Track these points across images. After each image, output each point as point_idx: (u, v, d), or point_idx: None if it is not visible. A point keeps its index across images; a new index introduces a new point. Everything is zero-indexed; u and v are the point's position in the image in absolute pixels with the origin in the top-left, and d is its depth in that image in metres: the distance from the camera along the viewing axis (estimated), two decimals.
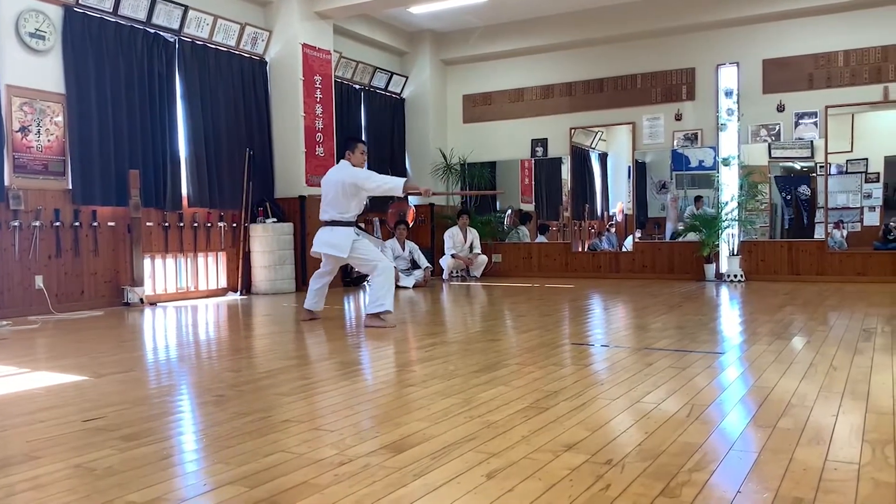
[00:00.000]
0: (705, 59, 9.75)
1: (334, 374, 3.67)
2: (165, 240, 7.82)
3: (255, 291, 8.57)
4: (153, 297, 7.62)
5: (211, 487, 2.02)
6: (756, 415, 2.72)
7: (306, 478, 2.05)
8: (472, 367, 3.72)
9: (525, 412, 2.76)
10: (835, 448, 2.25)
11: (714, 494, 1.89)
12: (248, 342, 5.12)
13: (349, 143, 5.75)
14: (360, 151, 5.68)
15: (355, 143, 5.71)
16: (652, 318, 5.78)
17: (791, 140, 9.38)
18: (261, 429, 2.60)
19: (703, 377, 3.39)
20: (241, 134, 8.63)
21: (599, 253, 10.67)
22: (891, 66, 8.81)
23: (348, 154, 5.65)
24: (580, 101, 10.59)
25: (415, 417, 2.72)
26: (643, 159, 10.47)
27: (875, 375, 3.34)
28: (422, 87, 11.31)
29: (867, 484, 1.93)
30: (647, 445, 2.31)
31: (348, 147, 5.69)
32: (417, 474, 2.06)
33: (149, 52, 7.56)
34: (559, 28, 10.36)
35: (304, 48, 8.88)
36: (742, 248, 9.48)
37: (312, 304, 5.95)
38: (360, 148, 5.68)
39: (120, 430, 2.62)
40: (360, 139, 6.21)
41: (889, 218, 9.15)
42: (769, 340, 4.45)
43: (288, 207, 8.89)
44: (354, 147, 5.66)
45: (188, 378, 3.76)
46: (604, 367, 3.84)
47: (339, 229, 5.55)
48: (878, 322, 5.19)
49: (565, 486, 1.95)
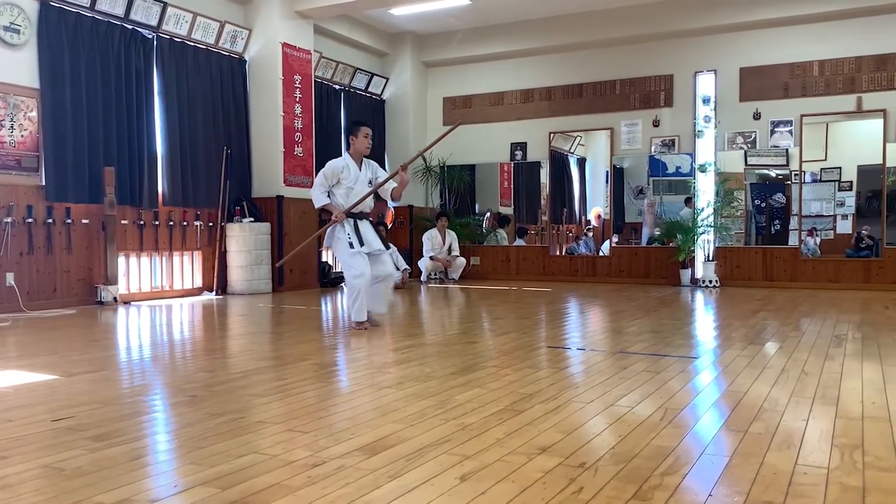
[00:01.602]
0: (683, 66, 9.84)
1: (310, 375, 3.65)
2: (140, 238, 7.73)
3: (230, 291, 8.51)
4: (127, 296, 7.54)
5: (182, 488, 2.00)
6: (728, 419, 2.75)
7: (279, 479, 2.04)
8: (449, 370, 3.72)
9: (500, 415, 2.77)
10: (805, 452, 2.28)
11: (685, 498, 1.90)
12: (224, 342, 5.09)
13: (350, 128, 5.37)
14: (364, 135, 5.26)
15: (357, 126, 5.30)
16: (627, 322, 5.81)
17: (767, 148, 9.49)
18: (234, 430, 2.58)
19: (677, 381, 3.42)
20: (219, 132, 8.56)
21: (577, 257, 10.72)
22: (864, 77, 8.95)
23: (352, 140, 5.30)
24: (560, 105, 10.64)
25: (390, 419, 2.71)
26: (621, 165, 10.54)
27: (845, 381, 3.38)
28: (402, 89, 11.30)
29: (835, 488, 1.96)
30: (621, 449, 2.33)
31: (350, 132, 5.34)
32: (391, 476, 2.06)
33: (126, 48, 7.48)
34: (540, 32, 10.40)
35: (284, 47, 8.84)
36: (717, 254, 9.58)
37: (373, 306, 5.40)
38: (363, 132, 5.26)
39: (90, 429, 2.58)
40: (363, 122, 5.55)
41: (861, 226, 9.29)
42: (742, 345, 4.50)
43: (265, 207, 8.84)
44: (357, 131, 5.27)
45: (161, 378, 3.72)
46: (579, 370, 3.85)
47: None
48: (849, 328, 5.27)
49: (538, 488, 1.96)
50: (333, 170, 5.25)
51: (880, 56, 8.85)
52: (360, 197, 5.23)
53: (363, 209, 5.31)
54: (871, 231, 9.15)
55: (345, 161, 5.30)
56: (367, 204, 5.34)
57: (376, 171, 5.44)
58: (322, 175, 5.25)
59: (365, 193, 5.25)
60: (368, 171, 5.35)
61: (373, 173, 5.38)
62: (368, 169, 5.36)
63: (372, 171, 5.39)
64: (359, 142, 5.23)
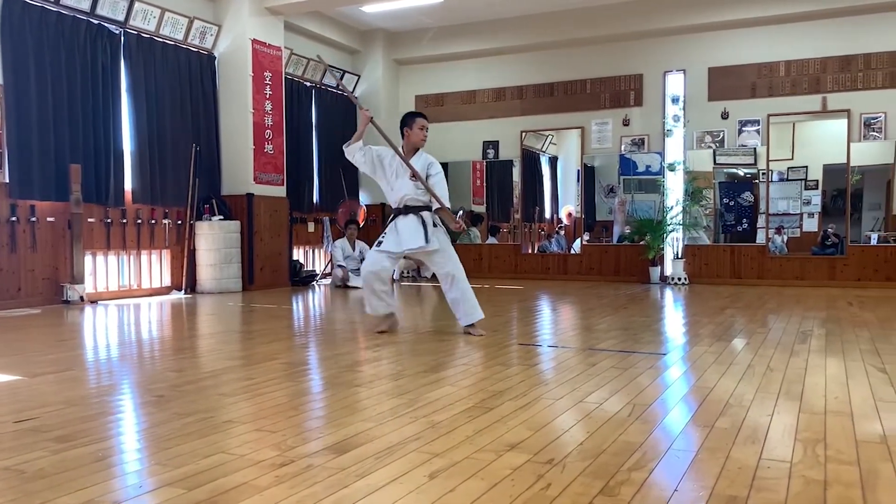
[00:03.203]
0: (653, 66, 9.93)
1: (280, 374, 3.63)
2: (107, 236, 7.62)
3: (199, 290, 8.42)
4: (94, 295, 7.42)
5: (148, 489, 1.98)
6: (695, 414, 2.78)
7: (246, 479, 2.02)
8: (420, 368, 3.72)
9: (470, 412, 2.77)
10: (769, 447, 2.31)
11: (652, 493, 1.92)
12: (192, 342, 5.03)
13: (405, 119, 4.91)
14: (420, 126, 4.84)
15: (413, 117, 4.88)
16: (597, 320, 5.86)
17: (735, 147, 9.62)
18: (201, 430, 2.55)
19: (646, 377, 3.45)
20: (188, 129, 8.46)
21: (549, 255, 10.77)
22: (829, 78, 9.11)
23: (406, 132, 4.86)
24: (531, 104, 10.68)
25: (360, 418, 2.71)
26: (592, 163, 10.62)
27: (809, 377, 3.44)
28: (374, 87, 11.26)
29: (798, 481, 1.99)
30: (589, 445, 2.34)
31: (405, 123, 4.89)
32: (360, 475, 2.05)
33: (92, 43, 7.36)
34: (512, 31, 10.43)
35: (254, 44, 8.76)
36: (686, 252, 9.69)
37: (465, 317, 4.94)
38: (418, 123, 4.84)
39: (53, 431, 2.54)
40: (419, 112, 5.06)
41: (827, 224, 9.46)
42: (710, 342, 4.55)
43: (235, 205, 8.75)
44: (412, 122, 4.85)
45: (128, 378, 3.67)
46: (549, 367, 3.87)
47: (424, 214, 4.83)
48: (814, 325, 5.36)
49: (507, 485, 1.97)
50: (379, 150, 4.92)
51: (844, 57, 9.01)
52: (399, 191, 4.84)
53: (408, 203, 4.84)
54: (837, 229, 9.32)
55: (394, 152, 4.88)
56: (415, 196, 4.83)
57: (430, 168, 4.90)
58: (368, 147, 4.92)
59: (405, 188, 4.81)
60: (418, 163, 4.87)
61: (426, 168, 4.88)
62: (419, 161, 4.88)
63: (425, 165, 4.89)
64: (414, 134, 4.83)
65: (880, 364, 3.75)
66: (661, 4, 9.57)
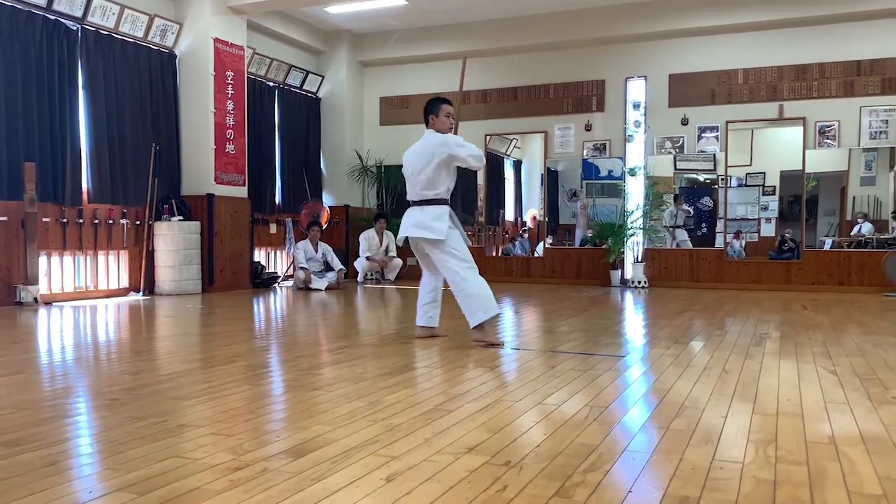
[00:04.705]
0: (615, 72, 10.05)
1: (238, 377, 3.59)
2: (63, 236, 7.46)
3: (158, 292, 8.29)
4: (49, 297, 7.26)
5: (98, 494, 1.94)
6: (652, 416, 2.82)
7: (200, 483, 1.99)
8: (381, 370, 3.71)
9: (429, 415, 2.77)
10: (722, 448, 2.35)
11: (606, 494, 1.94)
12: (150, 344, 4.95)
13: (430, 105, 4.72)
14: (446, 114, 4.70)
15: (438, 104, 4.69)
16: (559, 322, 5.90)
17: (694, 153, 9.78)
18: (155, 433, 2.51)
19: (605, 379, 3.48)
20: (147, 128, 8.33)
21: (512, 258, 10.83)
22: (785, 86, 9.32)
23: (432, 119, 4.69)
24: (495, 108, 10.73)
25: (318, 421, 2.69)
26: (555, 167, 10.70)
27: (763, 379, 3.51)
28: (338, 88, 11.21)
29: (749, 482, 2.03)
30: (546, 446, 2.36)
31: (430, 111, 4.71)
32: (316, 478, 2.04)
33: (49, 39, 7.21)
34: (477, 35, 10.47)
35: (216, 43, 8.66)
36: (646, 256, 9.81)
37: (426, 319, 4.93)
38: (444, 110, 4.69)
39: (3, 435, 2.48)
40: (444, 99, 4.85)
41: (784, 229, 9.67)
42: (668, 344, 4.62)
43: (195, 205, 8.64)
44: (438, 109, 4.68)
45: (82, 381, 3.59)
46: (510, 369, 3.89)
47: (430, 208, 4.69)
48: (770, 328, 5.47)
49: (463, 487, 1.97)
50: None
51: (800, 66, 9.22)
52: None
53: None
54: (793, 234, 9.53)
55: None
56: None
57: None
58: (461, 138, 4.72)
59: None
60: None
61: None
62: None
63: None
64: (440, 122, 4.69)
65: (831, 366, 3.84)
66: (624, 12, 9.70)
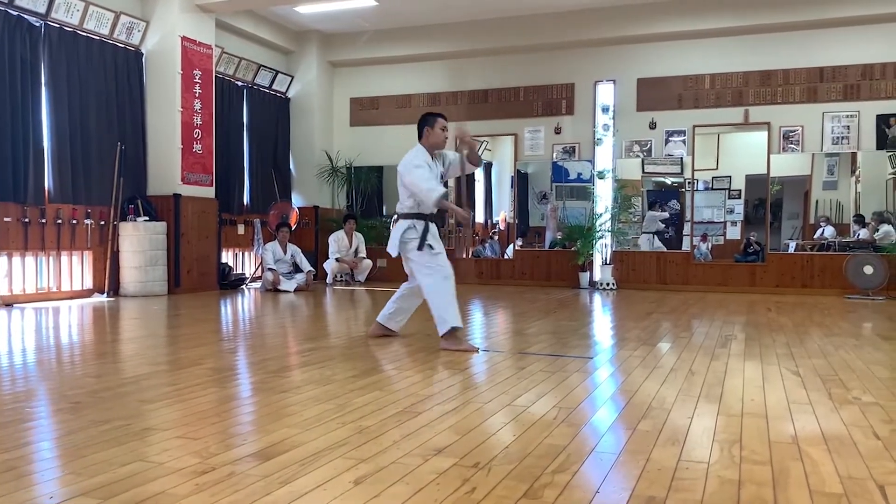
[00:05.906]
0: (584, 75, 10.13)
1: (204, 380, 3.54)
2: (25, 236, 7.30)
3: (123, 293, 8.15)
4: (9, 298, 7.10)
5: (59, 500, 1.90)
6: (619, 417, 2.84)
7: (164, 487, 1.96)
8: (350, 372, 3.69)
9: (398, 417, 2.76)
10: (688, 448, 2.38)
11: (574, 495, 1.95)
12: (114, 346, 4.87)
13: (426, 118, 4.65)
14: (441, 127, 4.61)
15: (434, 117, 4.62)
16: (528, 324, 5.93)
17: (662, 156, 9.89)
18: (119, 437, 2.47)
19: (573, 381, 3.50)
20: (113, 127, 8.19)
21: (482, 259, 10.85)
22: (751, 91, 9.47)
23: (426, 132, 4.62)
24: (466, 110, 10.74)
25: (285, 424, 2.66)
26: (525, 170, 10.75)
27: (728, 380, 3.56)
28: (308, 88, 11.14)
29: (714, 481, 2.05)
30: (514, 448, 2.37)
31: (426, 123, 4.63)
32: (284, 482, 2.02)
33: (10, 35, 7.05)
34: (447, 37, 10.48)
35: (184, 41, 8.55)
36: (614, 258, 9.90)
37: (387, 317, 4.93)
38: (439, 123, 4.60)
39: None
40: (439, 113, 4.73)
41: (749, 232, 9.82)
42: (636, 346, 4.66)
43: (161, 206, 8.51)
44: (434, 122, 4.60)
45: (43, 384, 3.52)
46: (479, 370, 3.89)
47: (398, 223, 4.68)
48: (735, 329, 5.55)
49: (432, 489, 1.97)
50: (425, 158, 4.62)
51: (765, 72, 9.38)
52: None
53: (434, 210, 4.68)
54: (758, 237, 9.68)
55: (424, 154, 4.64)
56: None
57: (446, 159, 4.79)
58: (424, 164, 4.56)
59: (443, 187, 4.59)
60: (440, 164, 4.74)
61: (444, 165, 4.77)
62: (439, 162, 4.74)
63: (443, 163, 4.77)
64: (434, 134, 4.62)
65: (794, 367, 3.91)
66: (594, 16, 9.77)
